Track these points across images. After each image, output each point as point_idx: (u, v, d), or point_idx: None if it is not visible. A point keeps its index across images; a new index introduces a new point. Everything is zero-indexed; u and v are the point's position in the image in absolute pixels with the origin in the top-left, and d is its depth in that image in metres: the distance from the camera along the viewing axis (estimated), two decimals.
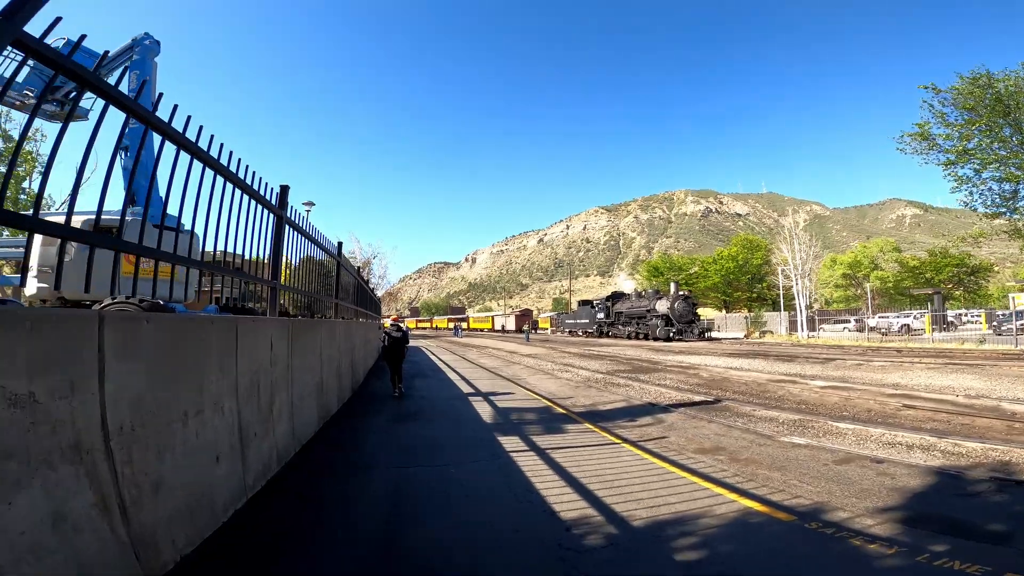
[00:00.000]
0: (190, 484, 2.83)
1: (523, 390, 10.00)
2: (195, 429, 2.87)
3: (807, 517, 3.61)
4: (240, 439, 3.51)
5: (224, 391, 3.23)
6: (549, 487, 4.14)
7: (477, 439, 5.84)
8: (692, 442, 5.80)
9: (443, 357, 20.21)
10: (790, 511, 3.73)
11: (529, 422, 6.81)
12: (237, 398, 3.43)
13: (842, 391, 8.91)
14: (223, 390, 3.22)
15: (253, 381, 3.75)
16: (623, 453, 5.31)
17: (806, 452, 5.31)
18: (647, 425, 6.67)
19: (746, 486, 4.33)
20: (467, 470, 4.60)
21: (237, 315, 3.92)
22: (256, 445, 3.83)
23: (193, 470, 2.86)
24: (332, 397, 6.87)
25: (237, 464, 3.48)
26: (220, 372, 3.17)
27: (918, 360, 14.35)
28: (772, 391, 9.20)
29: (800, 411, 7.32)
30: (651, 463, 4.95)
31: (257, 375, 3.82)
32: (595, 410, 7.81)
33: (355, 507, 3.67)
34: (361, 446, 5.48)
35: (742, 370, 12.93)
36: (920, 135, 20.38)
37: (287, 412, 4.65)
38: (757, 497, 4.05)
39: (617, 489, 4.14)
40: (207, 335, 3.06)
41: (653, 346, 25.57)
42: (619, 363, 15.96)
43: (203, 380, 2.96)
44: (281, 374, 4.46)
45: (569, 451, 5.29)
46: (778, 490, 4.22)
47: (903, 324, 33.80)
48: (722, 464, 4.97)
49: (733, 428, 6.44)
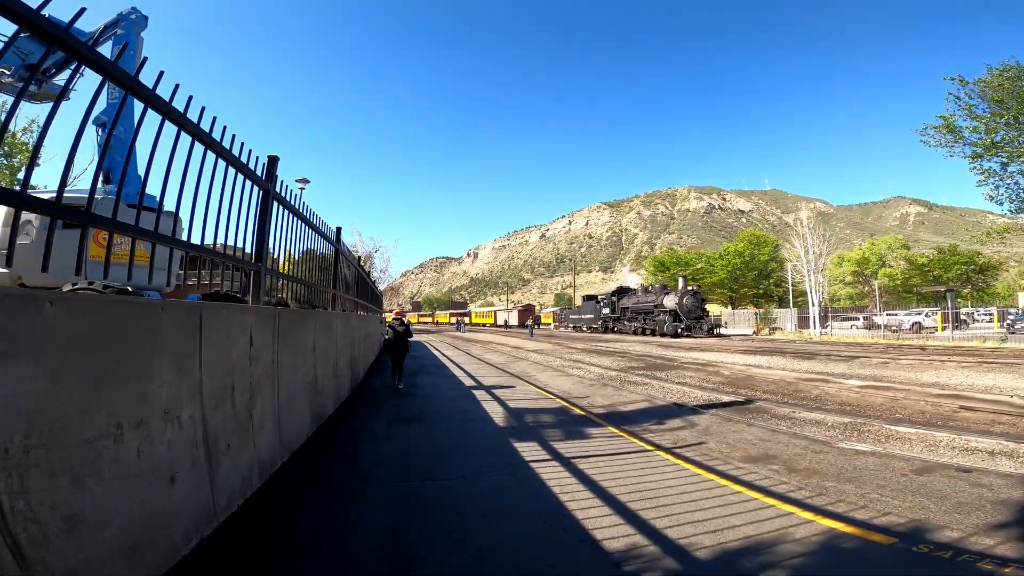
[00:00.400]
0: (131, 514, 2.15)
1: (534, 388, 9.31)
2: (135, 445, 2.18)
3: (910, 538, 3.00)
4: (206, 453, 2.81)
5: (182, 396, 2.53)
6: (583, 507, 3.45)
7: (490, 445, 5.16)
8: (735, 449, 5.11)
9: (447, 352, 19.54)
10: (886, 532, 3.12)
11: (546, 425, 6.12)
12: (202, 403, 2.73)
13: (883, 391, 8.20)
14: (180, 395, 2.52)
15: (225, 382, 3.06)
16: (660, 463, 4.62)
17: (874, 460, 4.61)
18: (679, 429, 5.98)
19: (818, 502, 3.67)
20: (483, 485, 3.91)
21: (204, 301, 3.19)
22: (230, 459, 3.14)
23: (135, 497, 2.17)
24: (328, 397, 6.18)
25: (202, 484, 2.79)
26: (176, 372, 2.47)
27: (947, 358, 13.63)
28: (806, 391, 8.49)
29: (846, 413, 6.62)
30: (696, 474, 4.27)
31: (231, 375, 3.12)
32: (616, 411, 7.12)
33: (349, 536, 2.99)
34: (358, 454, 4.79)
35: (764, 368, 12.23)
36: (945, 127, 19.54)
37: (272, 417, 3.96)
38: (838, 515, 3.40)
39: (664, 508, 3.46)
40: (154, 325, 2.35)
41: (661, 342, 24.86)
42: (631, 360, 15.26)
43: (148, 383, 2.26)
44: (264, 372, 3.77)
45: (598, 460, 4.60)
46: (859, 506, 3.57)
47: (915, 322, 33.00)
48: (780, 475, 4.28)
49: (778, 432, 5.74)
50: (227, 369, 3.05)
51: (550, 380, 10.63)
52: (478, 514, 3.35)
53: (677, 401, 7.78)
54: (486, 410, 6.97)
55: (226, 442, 3.09)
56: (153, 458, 2.32)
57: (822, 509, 3.54)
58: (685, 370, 12.06)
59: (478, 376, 11.24)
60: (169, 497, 2.47)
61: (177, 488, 2.54)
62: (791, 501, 3.69)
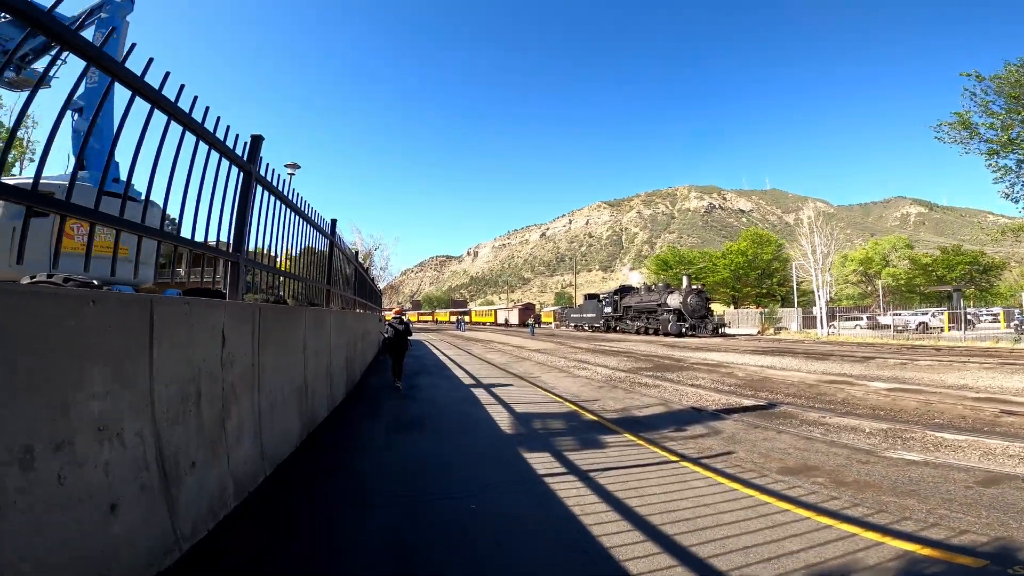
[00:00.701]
0: (49, 555, 1.67)
1: (540, 390, 8.82)
2: (54, 471, 1.70)
3: (1001, 559, 2.60)
4: (161, 474, 2.33)
5: (123, 409, 2.04)
6: (610, 532, 2.97)
7: (498, 456, 4.67)
8: (769, 459, 4.63)
9: (447, 352, 19.05)
10: (971, 553, 2.70)
11: (557, 432, 5.63)
12: (153, 417, 2.24)
13: (913, 394, 7.72)
14: (120, 407, 2.03)
15: (188, 390, 2.56)
16: (688, 476, 4.14)
17: (930, 471, 4.13)
18: (702, 436, 5.49)
19: (880, 519, 3.22)
20: (494, 504, 3.42)
21: (156, 295, 2.70)
22: (195, 478, 2.65)
23: (54, 533, 1.70)
24: (320, 401, 5.69)
25: (157, 510, 2.31)
26: (114, 381, 1.98)
27: (966, 359, 13.15)
28: (829, 394, 8.01)
29: (880, 418, 6.14)
30: (732, 489, 3.79)
31: (195, 381, 2.63)
32: (631, 416, 6.63)
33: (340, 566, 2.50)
34: (353, 466, 4.30)
35: (777, 368, 11.74)
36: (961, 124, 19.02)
37: (251, 427, 3.47)
38: (909, 535, 2.97)
39: (705, 533, 3.00)
40: (80, 323, 1.86)
41: (666, 342, 24.38)
42: (638, 360, 14.77)
43: (72, 394, 1.77)
44: (241, 377, 3.27)
45: (619, 474, 4.12)
46: (930, 523, 3.14)
47: (921, 322, 32.56)
48: (827, 489, 3.81)
49: (813, 440, 5.26)
50: (190, 375, 2.56)
51: (556, 381, 10.14)
52: (490, 541, 2.87)
53: (695, 405, 7.29)
54: (491, 415, 6.48)
55: (189, 460, 2.60)
56: (83, 485, 1.83)
57: (888, 528, 3.08)
58: (697, 371, 11.57)
59: (481, 377, 10.75)
60: (108, 529, 1.98)
61: (121, 518, 2.06)
62: (850, 520, 3.22)
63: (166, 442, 2.38)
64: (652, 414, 6.77)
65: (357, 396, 7.99)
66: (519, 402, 7.45)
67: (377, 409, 6.91)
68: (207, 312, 2.76)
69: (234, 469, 3.21)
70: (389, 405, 7.26)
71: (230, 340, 2.98)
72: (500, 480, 3.97)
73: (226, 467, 3.10)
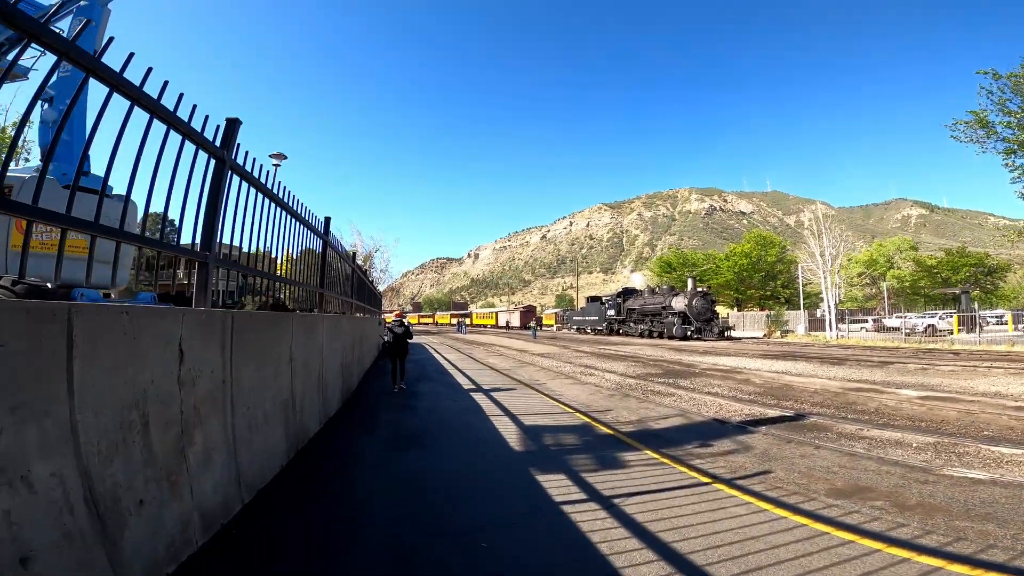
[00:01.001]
0: None
1: (548, 399, 8.32)
2: None
3: None
4: (93, 518, 1.84)
5: (29, 447, 1.55)
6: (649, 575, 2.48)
7: (509, 479, 4.17)
8: (814, 479, 4.13)
9: (448, 356, 18.54)
10: None
11: (571, 449, 5.13)
12: (78, 452, 1.75)
13: (948, 403, 7.20)
14: (24, 444, 1.54)
15: (129, 418, 2.07)
16: (727, 501, 3.64)
17: (1002, 492, 3.65)
18: (731, 453, 4.99)
19: (963, 549, 2.80)
20: (508, 542, 2.92)
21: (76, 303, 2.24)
22: (145, 519, 2.16)
23: None
24: (311, 414, 5.19)
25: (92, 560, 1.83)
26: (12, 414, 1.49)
27: (989, 364, 12.64)
28: (859, 403, 7.49)
29: (922, 430, 5.63)
30: (780, 517, 3.30)
31: (140, 406, 2.14)
32: (649, 429, 6.12)
33: None
34: (344, 491, 3.80)
35: (794, 375, 11.22)
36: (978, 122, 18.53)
37: (223, 452, 2.97)
38: (1005, 567, 2.58)
39: (763, 573, 2.52)
40: None
41: (672, 346, 23.85)
42: (646, 365, 14.26)
43: None
44: (210, 396, 2.78)
45: (647, 501, 3.62)
46: (1019, 552, 2.66)
47: (928, 324, 32.02)
48: (890, 515, 3.33)
49: (857, 456, 4.75)
50: (133, 399, 2.06)
51: (564, 389, 9.63)
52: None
53: (717, 416, 6.78)
54: (498, 428, 5.97)
55: (135, 498, 2.10)
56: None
57: (977, 559, 2.63)
58: (710, 378, 11.05)
59: (484, 384, 10.24)
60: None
61: (38, 572, 1.57)
62: (927, 551, 2.76)
63: (99, 480, 1.88)
64: (671, 426, 6.26)
65: (354, 406, 7.49)
66: (526, 413, 6.95)
67: (374, 421, 6.41)
68: (155, 322, 2.26)
69: (200, 502, 2.71)
70: (387, 416, 6.76)
71: (191, 355, 2.49)
72: (514, 509, 3.47)
73: (189, 500, 2.60)
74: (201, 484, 2.72)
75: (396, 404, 7.67)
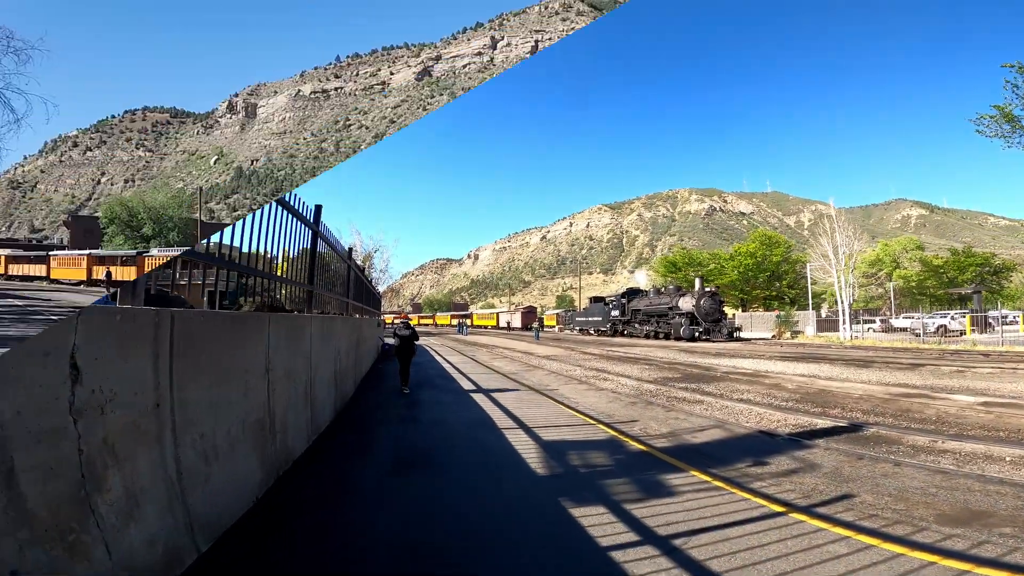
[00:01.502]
0: None
1: (565, 408, 7.53)
2: None
3: None
4: None
5: None
6: None
7: (536, 514, 3.38)
8: (911, 504, 3.37)
9: (451, 358, 17.74)
10: None
11: (603, 471, 4.35)
12: None
13: (1014, 409, 6.43)
14: None
15: None
16: (815, 536, 2.89)
17: None
18: (794, 472, 4.21)
19: None
20: None
21: None
22: None
23: None
24: (295, 434, 4.39)
25: None
26: None
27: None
28: (914, 410, 6.70)
29: (1006, 441, 4.87)
30: (896, 555, 2.60)
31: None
32: (686, 444, 5.34)
33: None
34: (329, 534, 3.00)
35: (825, 379, 10.43)
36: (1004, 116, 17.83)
37: (159, 494, 2.18)
38: None
39: None
40: None
41: (681, 347, 23.05)
42: (661, 368, 13.47)
43: None
44: (133, 426, 1.99)
45: (717, 540, 2.83)
46: None
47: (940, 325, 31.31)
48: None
49: (950, 475, 3.99)
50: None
51: (579, 396, 8.84)
52: None
53: (761, 428, 5.99)
54: (514, 445, 5.18)
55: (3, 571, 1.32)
56: None
57: None
58: (735, 382, 10.26)
59: (492, 390, 9.45)
60: None
61: None
62: None
63: None
64: (712, 440, 5.47)
65: (349, 418, 6.69)
66: (544, 425, 6.15)
67: (372, 437, 5.62)
68: None
69: (123, 562, 1.92)
70: (387, 431, 5.97)
71: (94, 372, 1.70)
72: (547, 561, 2.69)
73: (106, 560, 1.82)
74: (120, 539, 1.93)
75: (397, 416, 6.88)
